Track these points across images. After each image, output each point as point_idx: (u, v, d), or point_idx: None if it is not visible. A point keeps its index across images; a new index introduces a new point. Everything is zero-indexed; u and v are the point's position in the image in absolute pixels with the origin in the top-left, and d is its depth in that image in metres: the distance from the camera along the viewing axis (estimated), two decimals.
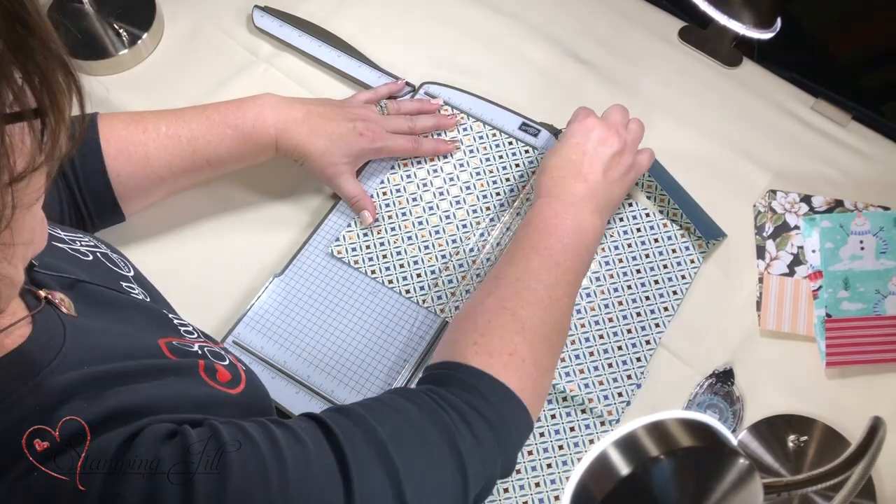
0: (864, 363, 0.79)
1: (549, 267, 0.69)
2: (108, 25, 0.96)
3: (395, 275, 0.82)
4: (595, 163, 0.76)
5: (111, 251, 0.68)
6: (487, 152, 0.88)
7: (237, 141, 0.78)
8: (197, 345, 0.60)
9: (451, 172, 0.87)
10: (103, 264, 0.64)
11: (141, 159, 0.76)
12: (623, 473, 0.40)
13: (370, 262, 0.83)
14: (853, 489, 0.51)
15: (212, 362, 0.58)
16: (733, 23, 0.85)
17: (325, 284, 0.82)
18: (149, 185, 0.77)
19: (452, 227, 0.85)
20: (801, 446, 0.76)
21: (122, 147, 0.75)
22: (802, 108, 0.94)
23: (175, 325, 0.62)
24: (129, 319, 0.59)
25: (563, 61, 0.97)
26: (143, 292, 0.66)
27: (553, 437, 0.76)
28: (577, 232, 0.72)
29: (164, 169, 0.77)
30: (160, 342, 0.57)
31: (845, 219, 0.84)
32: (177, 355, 0.57)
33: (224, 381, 0.57)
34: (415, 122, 0.87)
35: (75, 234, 0.66)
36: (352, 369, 0.78)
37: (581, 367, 0.78)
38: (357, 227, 0.84)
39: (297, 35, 0.97)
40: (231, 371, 0.59)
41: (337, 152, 0.80)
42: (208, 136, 0.77)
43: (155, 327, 0.60)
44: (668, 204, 0.87)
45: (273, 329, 0.80)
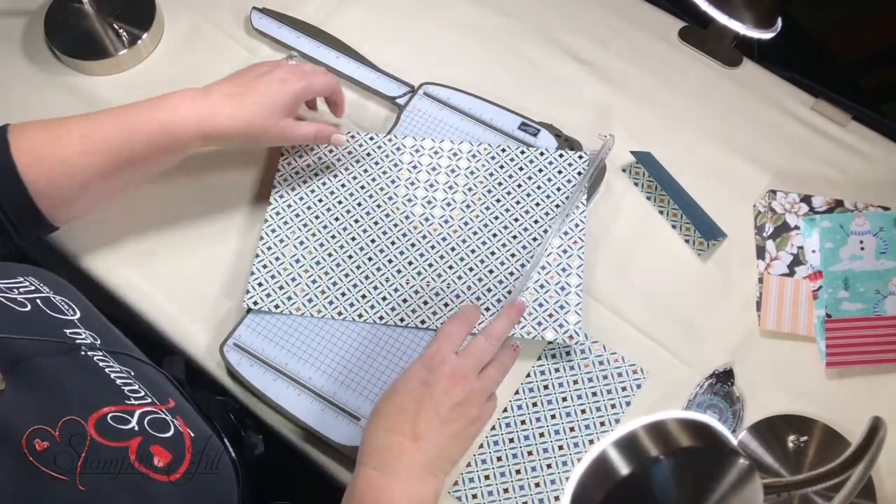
0: (864, 363, 0.79)
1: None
2: (108, 25, 0.96)
3: (382, 307, 0.82)
4: (431, 415, 0.64)
5: (54, 293, 0.65)
6: (468, 165, 0.88)
7: (154, 134, 0.75)
8: (137, 413, 0.57)
9: (445, 196, 0.87)
10: (44, 313, 0.62)
11: (57, 165, 0.72)
12: (623, 473, 0.40)
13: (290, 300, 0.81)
14: (853, 489, 0.51)
15: (148, 440, 0.55)
16: (733, 23, 0.85)
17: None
18: (71, 192, 0.74)
19: (443, 233, 0.85)
20: (801, 446, 0.76)
21: (35, 156, 0.72)
22: (802, 108, 0.94)
23: (118, 387, 0.59)
24: (60, 389, 0.56)
25: (563, 61, 0.97)
26: (90, 335, 0.63)
27: (553, 437, 0.76)
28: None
29: (84, 173, 0.74)
30: (91, 421, 0.54)
31: (845, 219, 0.84)
32: (106, 437, 0.54)
33: (161, 465, 0.55)
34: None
35: (14, 280, 0.64)
36: (353, 370, 0.78)
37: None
38: (262, 273, 0.82)
39: (296, 36, 0.97)
40: (172, 448, 0.56)
41: (270, 112, 0.78)
42: (123, 134, 0.74)
43: (92, 396, 0.57)
44: (668, 204, 0.87)
45: (274, 331, 0.80)
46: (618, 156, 0.90)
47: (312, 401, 0.76)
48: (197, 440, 0.59)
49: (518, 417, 0.77)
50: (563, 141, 0.90)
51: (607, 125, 0.92)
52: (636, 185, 0.89)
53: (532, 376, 0.79)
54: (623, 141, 0.90)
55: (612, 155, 0.89)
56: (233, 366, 0.78)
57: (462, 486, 0.74)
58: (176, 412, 0.61)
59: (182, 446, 0.57)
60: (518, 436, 0.76)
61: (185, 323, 0.82)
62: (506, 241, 0.83)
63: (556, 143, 0.90)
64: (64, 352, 0.59)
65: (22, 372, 0.54)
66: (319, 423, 0.75)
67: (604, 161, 0.88)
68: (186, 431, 0.59)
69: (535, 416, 0.77)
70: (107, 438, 0.54)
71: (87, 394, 0.57)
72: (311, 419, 0.75)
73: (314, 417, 0.76)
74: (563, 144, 0.90)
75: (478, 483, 0.74)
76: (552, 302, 0.79)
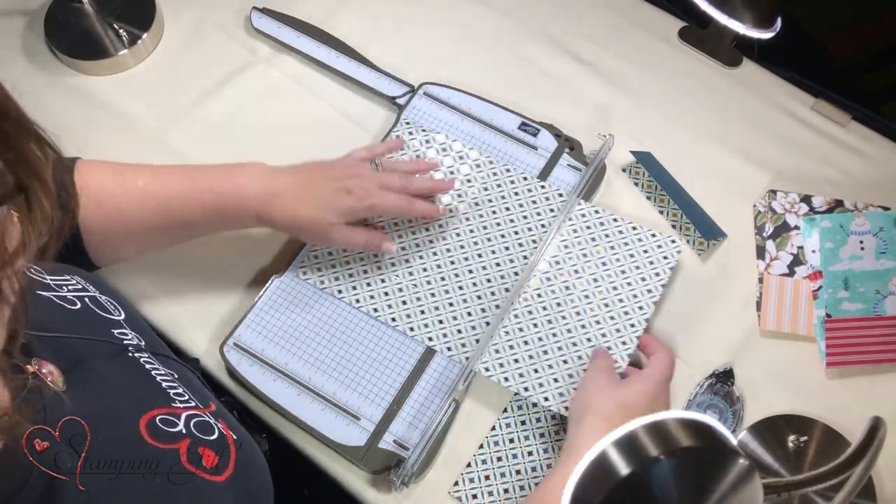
0: (864, 363, 0.79)
1: None
2: (108, 25, 0.96)
3: (380, 303, 0.81)
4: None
5: (100, 293, 0.66)
6: (469, 173, 0.87)
7: (215, 207, 0.74)
8: (184, 416, 0.58)
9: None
10: (93, 312, 0.62)
11: (112, 212, 0.72)
12: (623, 473, 0.40)
13: (354, 290, 0.81)
14: (853, 489, 0.51)
15: (196, 443, 0.56)
16: (733, 23, 0.85)
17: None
18: (118, 239, 0.74)
19: (436, 251, 0.84)
20: (801, 446, 0.76)
21: (94, 196, 0.72)
22: (802, 108, 0.94)
23: (164, 390, 0.60)
24: (115, 389, 0.57)
25: (563, 61, 0.97)
26: (136, 336, 0.63)
27: (553, 437, 0.76)
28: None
29: (135, 225, 0.74)
30: (142, 424, 0.54)
31: (845, 219, 0.84)
32: (158, 440, 0.54)
33: (210, 466, 0.55)
34: (409, 181, 0.81)
35: (62, 277, 0.63)
36: (353, 370, 0.78)
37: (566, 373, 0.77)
38: (339, 255, 0.83)
39: (296, 36, 0.97)
40: (218, 450, 0.57)
41: (325, 216, 0.75)
42: (186, 198, 0.74)
43: (141, 399, 0.57)
44: (668, 204, 0.87)
45: (274, 331, 0.80)
46: (618, 156, 0.90)
47: (312, 401, 0.76)
48: (238, 442, 0.60)
49: (518, 417, 0.77)
50: (563, 141, 0.90)
51: (607, 125, 0.92)
52: (636, 184, 0.89)
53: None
54: (623, 141, 0.90)
55: (612, 155, 0.89)
56: (233, 366, 0.78)
57: (462, 487, 0.74)
58: (218, 415, 0.61)
59: (227, 448, 0.58)
60: (518, 436, 0.76)
61: (184, 323, 0.82)
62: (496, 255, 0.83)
63: (556, 143, 0.90)
64: (115, 353, 0.60)
65: (80, 373, 0.54)
66: (319, 423, 0.75)
67: (604, 161, 0.89)
68: (229, 434, 0.60)
69: (535, 417, 0.77)
70: (158, 440, 0.54)
71: (137, 396, 0.57)
72: (311, 419, 0.75)
73: (314, 417, 0.76)
74: (563, 144, 0.90)
75: (478, 483, 0.74)
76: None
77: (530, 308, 0.80)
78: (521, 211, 0.85)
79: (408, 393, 0.77)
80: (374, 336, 0.80)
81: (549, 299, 0.80)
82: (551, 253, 0.83)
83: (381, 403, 0.76)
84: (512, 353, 0.78)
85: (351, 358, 0.79)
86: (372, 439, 0.75)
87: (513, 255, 0.83)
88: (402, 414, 0.76)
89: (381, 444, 0.74)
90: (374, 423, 0.75)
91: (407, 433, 0.75)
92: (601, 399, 0.69)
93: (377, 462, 0.74)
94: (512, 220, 0.85)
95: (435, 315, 0.80)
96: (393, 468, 0.73)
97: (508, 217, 0.85)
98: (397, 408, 0.76)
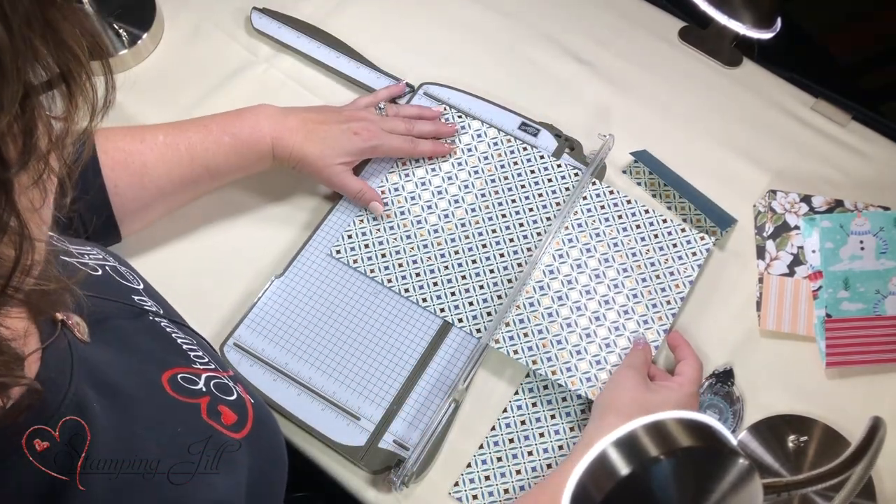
0: (864, 363, 0.79)
1: None
2: (108, 25, 0.96)
3: (394, 274, 0.82)
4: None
5: (120, 264, 0.67)
6: (486, 151, 0.88)
7: (234, 149, 0.78)
8: (204, 376, 0.59)
9: (450, 171, 0.87)
10: (113, 279, 0.63)
11: (139, 168, 0.75)
12: (623, 473, 0.40)
13: (369, 261, 0.83)
14: (853, 489, 0.51)
15: (216, 401, 0.57)
16: (733, 23, 0.85)
17: (325, 285, 0.82)
18: (148, 197, 0.77)
19: (451, 225, 0.85)
20: (801, 446, 0.76)
21: (119, 158, 0.74)
22: (802, 108, 0.94)
23: (185, 351, 0.61)
24: (137, 347, 0.58)
25: (563, 61, 0.97)
26: (155, 304, 0.65)
27: (553, 437, 0.76)
28: None
29: (163, 179, 0.76)
30: (164, 379, 0.56)
31: (845, 219, 0.84)
32: (180, 394, 0.56)
33: (229, 423, 0.57)
34: (413, 125, 0.87)
35: (83, 247, 0.65)
36: (353, 370, 0.78)
37: (582, 360, 0.78)
38: (356, 227, 0.84)
39: (296, 36, 0.97)
40: (237, 409, 0.58)
41: (332, 154, 0.81)
42: (206, 143, 0.77)
43: (163, 357, 0.59)
44: (675, 199, 0.87)
45: (274, 331, 0.80)
46: (618, 156, 0.90)
47: (312, 401, 0.76)
48: (256, 405, 0.61)
49: (518, 417, 0.77)
50: (563, 141, 0.90)
51: (607, 125, 0.92)
52: (639, 184, 0.89)
53: (532, 376, 0.79)
54: (623, 141, 0.90)
55: (612, 155, 0.89)
56: (233, 366, 0.78)
57: (462, 487, 0.74)
58: (236, 380, 0.63)
59: (245, 409, 0.59)
60: (518, 436, 0.76)
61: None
62: (506, 238, 0.84)
63: (556, 143, 0.90)
64: (136, 315, 0.61)
65: (103, 330, 0.55)
66: (319, 422, 0.75)
67: (604, 161, 0.89)
68: (247, 397, 0.61)
69: (535, 417, 0.77)
70: (180, 394, 0.55)
71: (159, 355, 0.59)
72: (312, 419, 0.75)
73: (314, 417, 0.76)
74: (563, 144, 0.90)
75: (478, 483, 0.74)
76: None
77: (542, 285, 0.81)
78: (536, 189, 0.87)
79: (408, 393, 0.77)
80: (374, 336, 0.80)
81: (561, 276, 0.82)
82: (564, 233, 0.84)
83: (382, 403, 0.76)
84: (522, 327, 0.79)
85: (351, 358, 0.79)
86: (372, 439, 0.75)
87: (527, 232, 0.84)
88: (402, 414, 0.76)
89: (382, 443, 0.75)
90: (374, 423, 0.75)
91: (407, 433, 0.75)
92: (627, 400, 0.71)
93: (377, 462, 0.74)
94: (527, 196, 0.86)
95: (447, 287, 0.81)
96: (393, 468, 0.73)
97: (524, 194, 0.86)
98: (397, 407, 0.76)
